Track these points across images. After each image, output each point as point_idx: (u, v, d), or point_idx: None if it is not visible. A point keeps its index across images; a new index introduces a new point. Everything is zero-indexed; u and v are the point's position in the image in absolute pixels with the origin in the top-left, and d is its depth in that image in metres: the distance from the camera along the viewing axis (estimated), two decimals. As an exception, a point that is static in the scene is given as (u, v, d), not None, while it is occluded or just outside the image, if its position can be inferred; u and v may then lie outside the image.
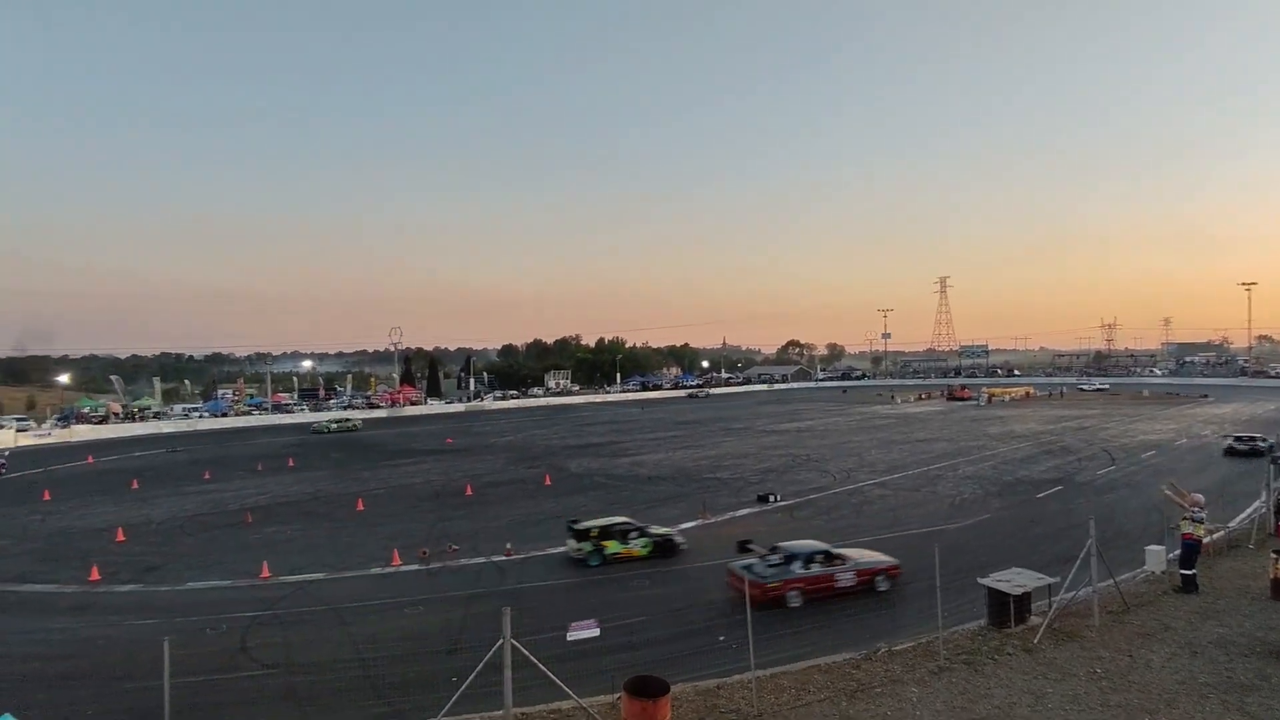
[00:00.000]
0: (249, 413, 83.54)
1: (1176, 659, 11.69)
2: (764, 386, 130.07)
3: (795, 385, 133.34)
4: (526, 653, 8.65)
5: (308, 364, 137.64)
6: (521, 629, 8.83)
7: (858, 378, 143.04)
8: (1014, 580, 13.92)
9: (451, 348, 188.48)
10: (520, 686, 8.94)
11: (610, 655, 13.38)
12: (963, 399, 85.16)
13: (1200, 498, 16.21)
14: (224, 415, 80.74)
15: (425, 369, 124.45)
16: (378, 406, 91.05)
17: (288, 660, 14.75)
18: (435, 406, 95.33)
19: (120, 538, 26.05)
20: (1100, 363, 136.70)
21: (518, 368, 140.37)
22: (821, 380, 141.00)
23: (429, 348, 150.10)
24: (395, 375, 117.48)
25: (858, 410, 74.82)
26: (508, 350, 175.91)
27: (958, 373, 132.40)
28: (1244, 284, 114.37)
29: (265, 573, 20.73)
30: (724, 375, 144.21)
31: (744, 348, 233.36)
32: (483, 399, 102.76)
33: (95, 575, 21.08)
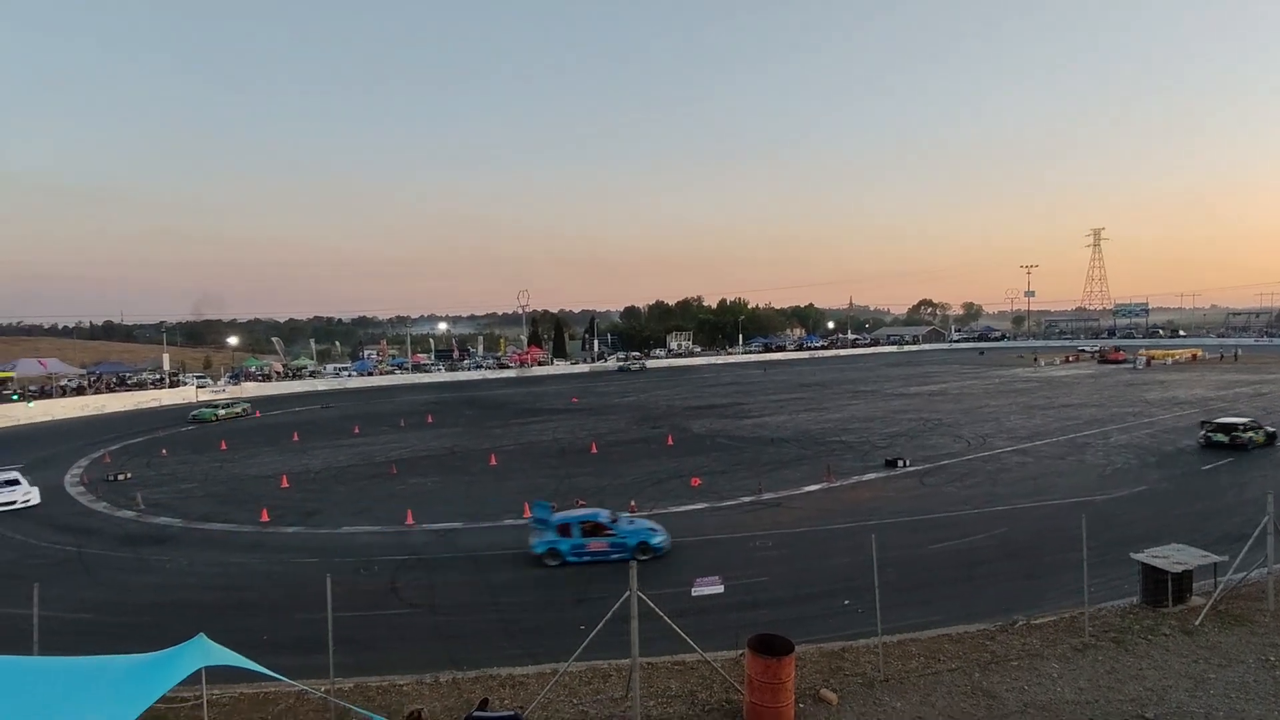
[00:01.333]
0: (392, 372, 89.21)
1: (1370, 651, 10.46)
2: (893, 348, 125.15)
3: (927, 346, 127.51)
4: (652, 604, 8.87)
5: (443, 326, 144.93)
6: (645, 583, 9.06)
7: (996, 339, 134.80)
8: (1173, 557, 12.83)
9: (576, 309, 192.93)
10: (644, 639, 9.18)
11: (735, 613, 13.54)
12: (1116, 361, 78.52)
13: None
14: (369, 374, 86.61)
15: (551, 330, 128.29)
16: (507, 366, 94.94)
17: (431, 601, 15.87)
18: (560, 367, 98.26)
19: (284, 484, 28.74)
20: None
21: (640, 329, 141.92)
22: (956, 341, 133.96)
23: (554, 309, 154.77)
24: (523, 337, 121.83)
25: (996, 373, 70.65)
26: (630, 312, 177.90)
27: (1111, 333, 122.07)
28: None
29: (410, 520, 22.26)
30: (850, 336, 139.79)
31: (872, 308, 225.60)
32: (605, 360, 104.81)
33: (265, 517, 23.40)
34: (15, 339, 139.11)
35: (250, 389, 73.95)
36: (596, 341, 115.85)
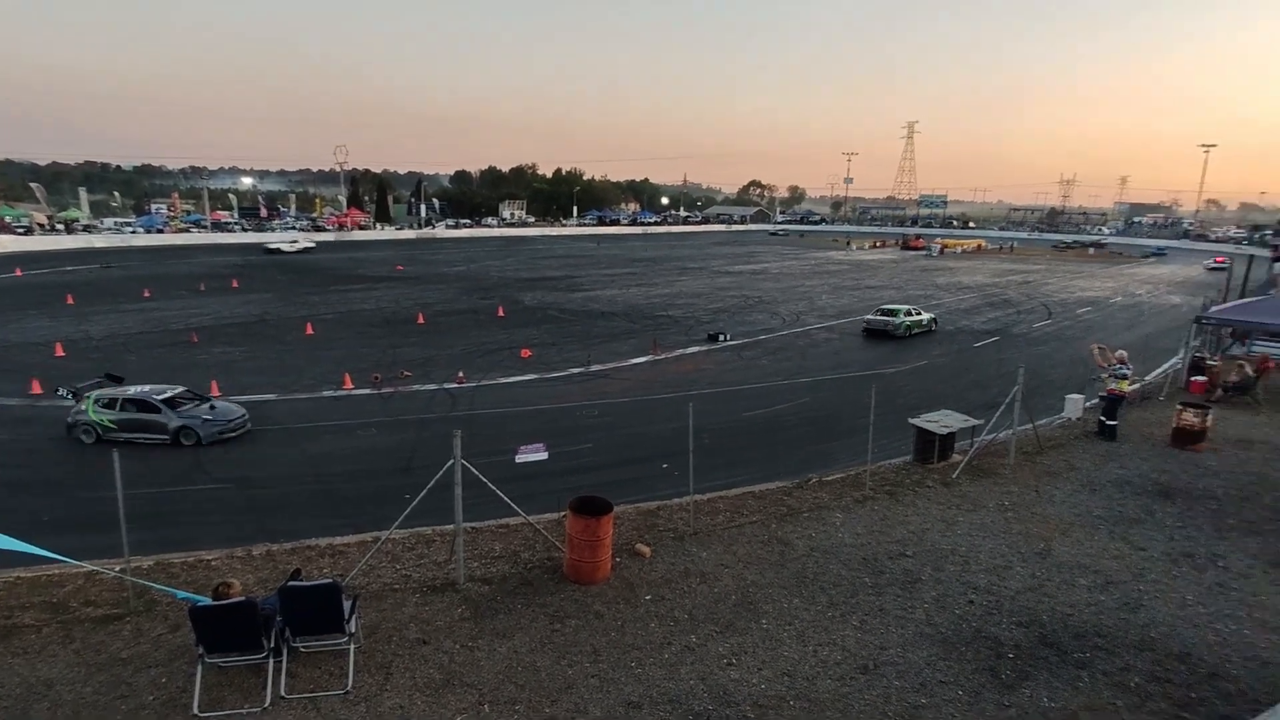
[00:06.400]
0: (186, 230, 80.00)
1: (1076, 495, 12.79)
2: (722, 227, 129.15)
3: (754, 227, 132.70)
4: (476, 472, 8.98)
5: (248, 181, 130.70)
6: (472, 452, 9.10)
7: (816, 222, 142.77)
8: (941, 421, 14.75)
9: (402, 170, 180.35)
10: (470, 505, 9.36)
11: (558, 479, 14.05)
12: (916, 249, 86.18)
13: (1124, 354, 17.09)
14: (159, 231, 77.25)
15: (374, 192, 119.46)
16: (324, 229, 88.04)
17: (244, 475, 15.11)
18: (384, 232, 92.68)
19: (59, 353, 25.52)
20: (1053, 219, 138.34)
21: (471, 195, 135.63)
22: (781, 224, 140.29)
23: (378, 169, 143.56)
24: (342, 197, 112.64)
25: (812, 255, 75.30)
26: (461, 176, 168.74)
27: (914, 222, 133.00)
28: (1203, 145, 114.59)
29: (215, 392, 20.67)
30: (682, 213, 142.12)
31: (705, 186, 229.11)
32: (434, 226, 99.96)
33: (37, 389, 20.79)
34: None
35: (6, 242, 63.52)
36: (424, 206, 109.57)
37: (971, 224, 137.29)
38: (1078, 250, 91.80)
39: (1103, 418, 16.38)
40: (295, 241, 71.15)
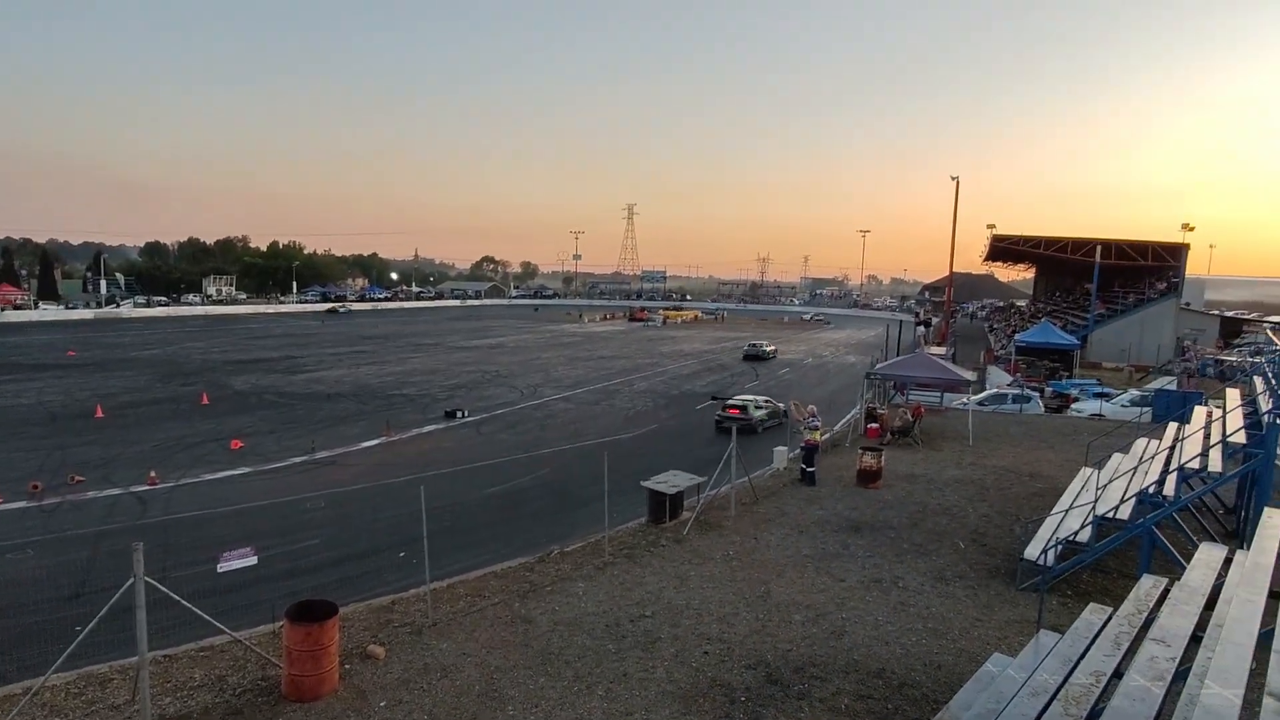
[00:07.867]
0: None
1: (788, 538, 14.24)
2: (457, 302, 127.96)
3: (489, 301, 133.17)
4: (165, 590, 7.71)
5: None
6: (168, 564, 7.87)
7: (549, 296, 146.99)
8: (670, 481, 15.70)
9: (75, 241, 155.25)
10: (168, 626, 8.04)
11: (278, 584, 12.57)
12: (641, 320, 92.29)
13: (814, 408, 19.66)
14: None
15: (35, 265, 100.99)
16: (-37, 310, 72.38)
17: None
18: (50, 312, 78.47)
19: None
20: (754, 291, 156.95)
21: (168, 270, 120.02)
22: (515, 298, 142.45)
23: (41, 239, 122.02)
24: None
25: (547, 328, 77.19)
26: (154, 249, 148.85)
27: (639, 295, 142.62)
28: (860, 231, 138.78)
29: None
30: (415, 289, 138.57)
31: (438, 261, 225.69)
32: (119, 305, 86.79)
33: None
34: None
35: None
36: (105, 282, 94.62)
37: (688, 296, 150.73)
38: (776, 319, 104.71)
39: (803, 466, 18.58)
40: None
